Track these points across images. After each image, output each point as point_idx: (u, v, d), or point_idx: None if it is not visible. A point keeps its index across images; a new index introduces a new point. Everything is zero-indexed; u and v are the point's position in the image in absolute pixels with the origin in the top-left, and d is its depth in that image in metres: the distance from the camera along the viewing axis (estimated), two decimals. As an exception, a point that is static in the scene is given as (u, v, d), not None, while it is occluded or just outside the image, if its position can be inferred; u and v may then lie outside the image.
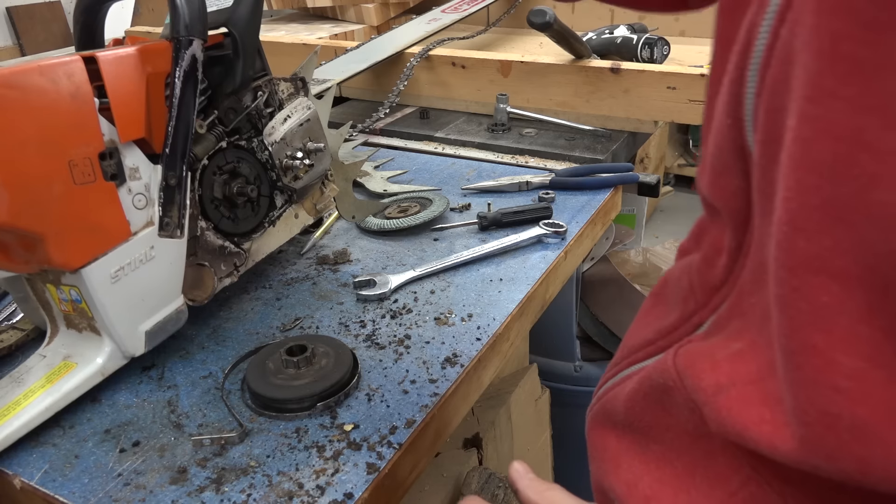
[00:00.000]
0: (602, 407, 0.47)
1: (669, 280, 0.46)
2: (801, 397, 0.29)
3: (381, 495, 0.50)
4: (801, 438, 0.29)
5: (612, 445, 0.44)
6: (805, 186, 0.27)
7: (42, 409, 0.53)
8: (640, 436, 0.43)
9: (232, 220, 0.68)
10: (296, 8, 1.94)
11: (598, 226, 0.91)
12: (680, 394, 0.38)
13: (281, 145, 0.70)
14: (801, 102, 0.27)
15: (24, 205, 0.49)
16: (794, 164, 0.28)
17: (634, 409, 0.43)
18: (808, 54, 0.27)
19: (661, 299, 0.47)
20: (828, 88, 0.26)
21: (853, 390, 0.26)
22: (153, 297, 0.59)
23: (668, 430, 0.40)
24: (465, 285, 0.72)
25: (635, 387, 0.43)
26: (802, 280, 0.28)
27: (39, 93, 0.49)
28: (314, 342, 0.59)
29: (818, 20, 0.26)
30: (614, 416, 0.45)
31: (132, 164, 0.56)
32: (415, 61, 1.24)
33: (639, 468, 0.41)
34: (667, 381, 0.39)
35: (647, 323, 0.47)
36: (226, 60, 0.65)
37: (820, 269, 0.27)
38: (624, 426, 0.44)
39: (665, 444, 0.40)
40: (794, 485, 0.32)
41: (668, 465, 0.40)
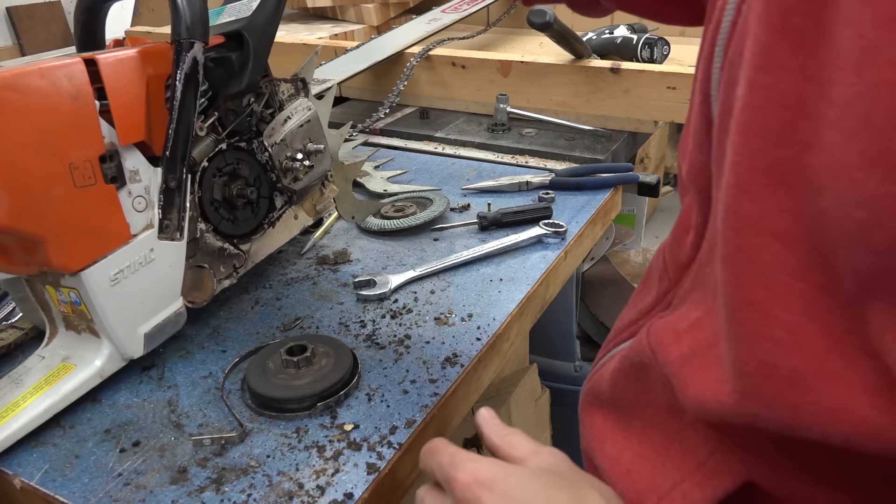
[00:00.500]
0: (591, 386, 0.48)
1: (654, 264, 0.48)
2: (741, 350, 0.30)
3: (381, 495, 0.50)
4: (741, 390, 0.30)
5: (598, 423, 0.46)
6: (752, 150, 0.29)
7: (41, 411, 0.53)
8: (622, 413, 0.44)
9: (231, 221, 0.68)
10: (296, 8, 1.94)
11: (598, 226, 0.91)
12: (654, 369, 0.39)
13: (281, 147, 0.70)
14: (752, 72, 0.29)
15: (24, 207, 0.49)
16: (742, 130, 0.29)
17: (617, 387, 0.44)
18: (760, 27, 0.29)
19: (645, 282, 0.49)
20: (777, 59, 0.28)
21: (789, 342, 0.28)
22: (152, 299, 0.59)
23: (646, 406, 0.42)
24: (465, 285, 0.72)
25: (617, 365, 0.44)
26: (746, 239, 0.29)
27: (40, 95, 0.49)
28: (314, 342, 0.59)
29: None
30: (601, 394, 0.46)
31: (132, 167, 0.56)
32: (415, 61, 1.24)
33: (622, 444, 0.43)
34: (643, 359, 0.41)
35: (633, 305, 0.49)
36: (227, 62, 0.65)
37: (763, 230, 0.28)
38: (609, 404, 0.45)
39: (644, 419, 0.42)
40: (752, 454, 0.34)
41: (648, 441, 0.41)
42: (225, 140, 0.66)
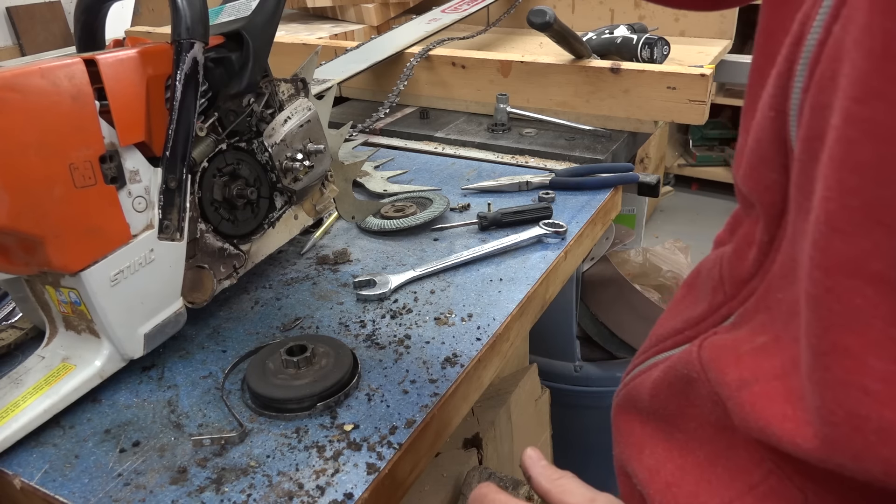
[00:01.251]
0: (628, 393, 0.47)
1: (702, 270, 0.46)
2: (828, 397, 0.28)
3: (381, 495, 0.50)
4: (824, 437, 0.29)
5: (636, 431, 0.45)
6: (846, 187, 0.27)
7: (41, 412, 0.53)
8: (664, 423, 0.43)
9: (231, 222, 0.68)
10: (296, 8, 1.94)
11: (598, 226, 0.91)
12: (704, 386, 0.38)
13: (281, 147, 0.70)
14: (848, 102, 0.27)
15: (24, 207, 0.49)
16: (836, 165, 0.28)
17: (659, 397, 0.43)
18: (858, 53, 0.27)
19: (692, 289, 0.47)
20: (876, 89, 0.26)
21: (883, 393, 0.26)
22: (152, 299, 0.60)
23: (691, 420, 0.40)
24: (465, 285, 0.73)
25: (660, 375, 0.43)
26: (836, 281, 0.28)
27: (40, 95, 0.49)
28: (314, 342, 0.59)
29: (871, 18, 0.26)
30: (639, 402, 0.45)
31: (132, 167, 0.56)
32: (415, 61, 1.24)
33: (662, 455, 0.42)
34: (691, 373, 0.39)
35: (678, 312, 0.47)
36: (227, 62, 0.65)
37: (855, 272, 0.27)
38: (648, 413, 0.44)
39: (688, 433, 0.40)
40: (816, 481, 0.32)
41: (691, 454, 0.40)
42: (225, 140, 0.66)
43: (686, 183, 3.35)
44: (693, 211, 3.14)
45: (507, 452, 0.94)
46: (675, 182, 3.35)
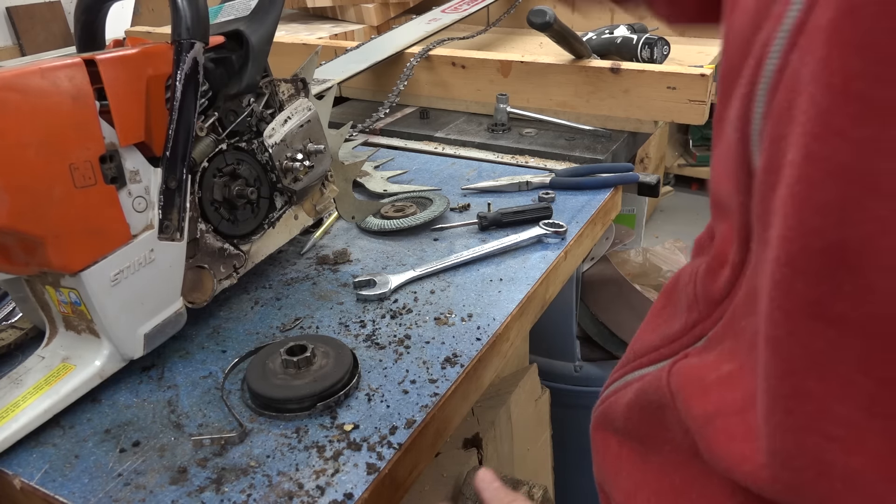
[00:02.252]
0: (604, 411, 0.47)
1: (680, 279, 0.46)
2: (789, 442, 0.28)
3: (381, 495, 0.50)
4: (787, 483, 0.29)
5: (613, 450, 0.45)
6: (809, 228, 0.26)
7: (41, 412, 0.53)
8: (639, 445, 0.43)
9: (231, 222, 0.68)
10: (296, 8, 1.94)
11: (598, 226, 0.91)
12: (673, 414, 0.38)
13: (281, 147, 0.70)
14: (808, 139, 0.26)
15: (24, 208, 0.49)
16: (797, 204, 0.26)
17: (632, 420, 0.43)
18: (816, 88, 0.25)
19: (669, 300, 0.47)
20: (837, 128, 0.25)
21: (848, 439, 0.26)
22: (152, 299, 0.59)
23: (665, 444, 0.40)
24: (465, 285, 0.73)
25: (633, 398, 0.42)
26: (798, 324, 0.27)
27: (40, 95, 0.49)
28: (314, 342, 0.59)
29: (829, 52, 0.25)
30: (615, 421, 0.45)
31: (132, 168, 0.56)
32: (415, 61, 1.24)
33: (638, 477, 0.41)
34: (661, 399, 0.39)
35: (656, 326, 0.46)
36: (227, 62, 0.65)
37: (818, 315, 0.26)
38: (624, 433, 0.44)
39: (663, 456, 0.40)
40: None
41: (667, 478, 0.39)
42: (225, 140, 0.66)
43: (686, 183, 3.35)
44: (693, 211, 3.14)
45: (507, 452, 0.94)
46: (675, 182, 3.35)
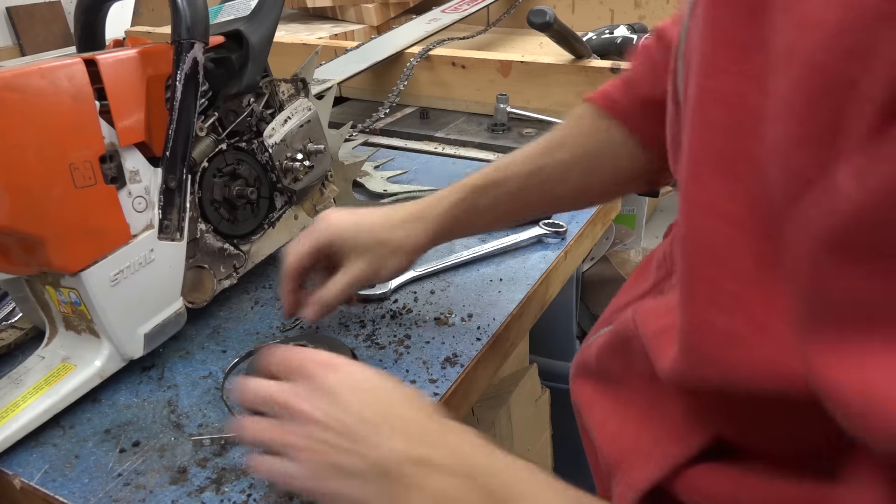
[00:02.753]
0: (580, 359, 0.53)
1: (654, 256, 0.52)
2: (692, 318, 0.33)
3: (380, 496, 0.50)
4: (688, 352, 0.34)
5: (588, 392, 0.50)
6: (702, 144, 0.33)
7: (41, 412, 0.53)
8: (610, 383, 0.48)
9: (231, 222, 0.68)
10: (296, 8, 1.94)
11: (598, 226, 0.91)
12: (637, 342, 0.43)
13: (281, 147, 0.70)
14: (699, 78, 0.33)
15: (24, 208, 0.49)
16: (694, 127, 0.33)
17: (603, 359, 0.49)
18: (701, 39, 0.33)
19: (642, 272, 0.54)
20: (720, 66, 0.32)
21: (731, 308, 0.31)
22: (152, 299, 0.59)
23: (631, 376, 0.46)
24: (465, 285, 0.73)
25: (605, 340, 0.49)
26: (698, 221, 0.33)
27: (40, 95, 0.49)
28: (314, 342, 0.59)
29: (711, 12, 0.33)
30: (590, 366, 0.51)
31: (132, 168, 0.56)
32: (415, 61, 1.24)
33: (609, 410, 0.47)
34: (627, 332, 0.45)
35: (627, 291, 0.54)
36: (227, 62, 0.65)
37: (712, 213, 0.32)
38: (597, 375, 0.50)
39: (630, 388, 0.46)
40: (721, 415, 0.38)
41: (633, 406, 0.45)
42: (225, 140, 0.66)
43: (686, 183, 3.35)
44: (693, 211, 3.13)
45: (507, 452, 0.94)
46: (675, 182, 3.34)
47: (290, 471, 0.40)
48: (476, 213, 0.61)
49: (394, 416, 0.40)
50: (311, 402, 0.41)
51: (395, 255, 0.59)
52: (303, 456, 0.40)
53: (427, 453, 0.38)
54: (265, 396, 0.43)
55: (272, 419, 0.42)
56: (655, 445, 0.41)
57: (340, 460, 0.39)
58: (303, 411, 0.41)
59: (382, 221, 0.59)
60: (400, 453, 0.38)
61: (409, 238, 0.59)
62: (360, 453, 0.39)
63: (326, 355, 0.44)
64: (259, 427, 0.42)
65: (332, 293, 0.59)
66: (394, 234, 0.59)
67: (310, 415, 0.40)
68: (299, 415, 0.41)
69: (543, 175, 0.60)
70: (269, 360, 0.45)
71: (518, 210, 0.63)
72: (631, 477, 0.42)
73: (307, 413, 0.41)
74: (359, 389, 0.42)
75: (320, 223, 0.59)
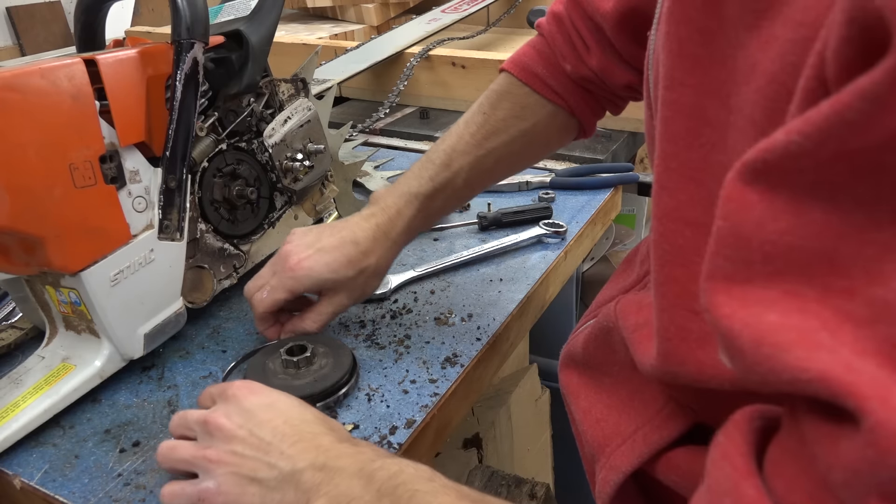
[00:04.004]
0: (567, 350, 0.56)
1: (639, 251, 0.55)
2: (664, 319, 0.36)
3: (380, 496, 0.50)
4: (660, 351, 0.36)
5: (574, 381, 0.54)
6: (667, 154, 0.35)
7: (41, 412, 0.53)
8: (594, 371, 0.52)
9: (231, 222, 0.68)
10: (296, 8, 1.94)
11: (598, 226, 0.91)
12: (617, 333, 0.46)
13: (281, 147, 0.70)
14: (662, 91, 0.35)
15: (24, 208, 0.49)
16: (659, 138, 0.36)
17: (588, 349, 0.52)
18: (664, 53, 0.35)
19: (626, 267, 0.57)
20: (678, 79, 0.34)
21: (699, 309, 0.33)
22: (152, 299, 0.59)
23: (613, 365, 0.49)
24: (465, 285, 0.72)
25: (589, 331, 0.52)
26: (666, 226, 0.35)
27: (40, 95, 0.49)
28: (314, 342, 0.59)
29: (668, 28, 0.35)
30: (575, 356, 0.54)
31: (132, 167, 0.56)
32: (415, 61, 1.24)
33: (593, 398, 0.50)
34: (609, 324, 0.48)
35: (614, 284, 0.57)
36: (227, 62, 0.65)
37: (678, 218, 0.35)
38: (582, 365, 0.53)
39: (613, 376, 0.49)
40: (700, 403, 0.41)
41: (616, 394, 0.48)
42: (225, 140, 0.66)
43: (686, 183, 3.35)
44: (693, 211, 3.13)
45: (507, 452, 0.94)
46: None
47: (206, 486, 0.43)
48: (428, 218, 0.65)
49: (305, 432, 0.44)
50: (229, 418, 0.45)
51: (372, 279, 0.61)
52: (220, 469, 0.43)
53: (331, 462, 0.41)
54: (188, 420, 0.47)
55: (192, 441, 0.46)
56: (636, 430, 0.44)
57: (254, 470, 0.42)
58: (221, 426, 0.45)
59: (354, 251, 0.59)
60: (307, 461, 0.41)
61: (382, 260, 0.61)
62: (272, 464, 0.42)
63: (249, 382, 0.49)
64: (182, 445, 0.46)
65: (317, 324, 0.61)
66: (368, 262, 0.60)
67: (227, 430, 0.44)
68: (217, 430, 0.45)
69: (486, 164, 0.63)
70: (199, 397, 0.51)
71: (462, 200, 0.68)
72: (614, 460, 0.45)
73: (225, 427, 0.44)
74: (274, 408, 0.45)
75: (295, 269, 0.58)
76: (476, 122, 0.63)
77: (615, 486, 0.44)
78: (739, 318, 0.24)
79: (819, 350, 0.22)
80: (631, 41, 0.56)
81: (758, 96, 0.28)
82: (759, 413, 0.28)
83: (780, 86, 0.26)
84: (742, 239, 0.25)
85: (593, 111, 0.65)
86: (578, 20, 0.59)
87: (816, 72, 0.23)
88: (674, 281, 0.35)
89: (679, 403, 0.42)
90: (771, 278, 0.24)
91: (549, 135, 0.65)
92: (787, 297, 0.23)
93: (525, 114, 0.63)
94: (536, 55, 0.62)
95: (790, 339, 0.22)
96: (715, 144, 0.33)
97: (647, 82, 0.43)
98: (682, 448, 0.41)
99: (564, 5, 0.60)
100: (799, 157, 0.22)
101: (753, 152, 0.24)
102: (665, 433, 0.42)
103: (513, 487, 0.79)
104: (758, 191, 0.24)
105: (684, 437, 0.42)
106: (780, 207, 0.23)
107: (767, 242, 0.24)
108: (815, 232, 0.23)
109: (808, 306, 0.23)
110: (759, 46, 0.28)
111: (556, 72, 0.62)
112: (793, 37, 0.26)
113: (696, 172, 0.34)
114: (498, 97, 0.64)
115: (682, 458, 0.41)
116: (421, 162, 0.63)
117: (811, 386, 0.21)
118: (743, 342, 0.24)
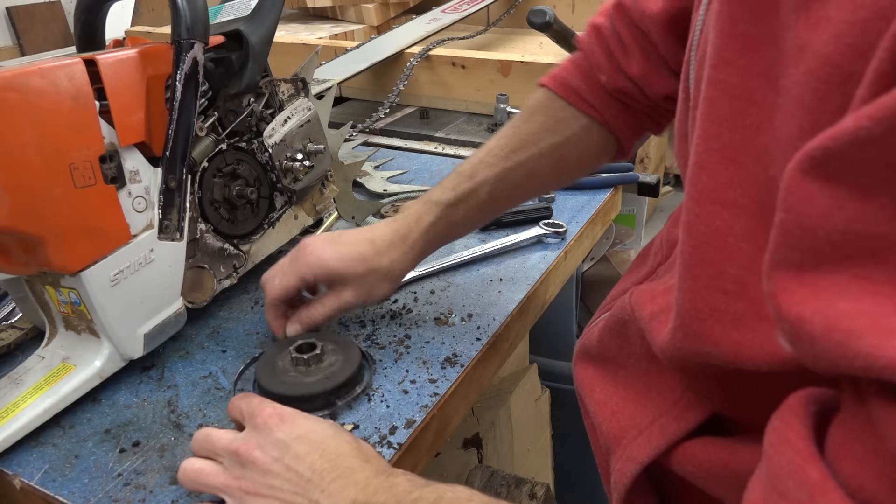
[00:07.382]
0: (582, 343, 0.56)
1: (653, 243, 0.55)
2: (696, 300, 0.36)
3: (380, 496, 0.50)
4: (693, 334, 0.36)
5: (589, 374, 0.53)
6: (709, 134, 0.35)
7: (41, 412, 0.53)
8: (610, 364, 0.51)
9: (231, 222, 0.68)
10: (296, 8, 1.94)
11: (598, 226, 0.91)
12: (633, 324, 0.47)
13: (281, 147, 0.70)
14: (709, 70, 0.35)
15: (24, 208, 0.49)
16: (702, 118, 0.35)
17: (604, 342, 0.52)
18: (714, 33, 0.35)
19: (642, 260, 0.57)
20: (727, 59, 0.34)
21: (736, 292, 0.34)
22: (152, 299, 0.59)
23: (629, 357, 0.49)
24: (465, 285, 0.72)
25: (605, 324, 0.52)
26: (703, 208, 0.35)
27: (40, 95, 0.49)
28: (322, 340, 0.59)
29: (721, 7, 0.34)
30: (591, 349, 0.54)
31: (132, 167, 0.56)
32: (415, 61, 1.24)
33: (609, 390, 0.50)
34: (624, 315, 0.49)
35: (628, 277, 0.57)
36: (227, 62, 0.65)
37: (716, 200, 0.34)
38: (598, 358, 0.53)
39: (628, 368, 0.49)
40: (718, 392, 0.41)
41: (632, 387, 0.48)
42: (225, 140, 0.66)
43: (686, 183, 3.35)
44: (693, 211, 3.13)
45: (507, 452, 0.94)
46: (675, 182, 3.34)
47: None
48: (451, 228, 0.63)
49: (342, 466, 0.43)
50: (263, 450, 0.44)
51: (383, 282, 0.60)
52: (257, 502, 0.42)
53: (371, 499, 0.41)
54: (215, 445, 0.46)
55: (222, 465, 0.45)
56: (653, 422, 0.44)
57: None
58: (255, 459, 0.44)
59: (368, 249, 0.59)
60: (347, 499, 0.41)
61: (395, 264, 0.60)
62: (314, 500, 0.42)
63: (278, 408, 0.47)
64: (212, 471, 0.45)
65: (321, 315, 0.61)
66: (381, 262, 0.59)
67: (262, 463, 0.43)
68: (251, 462, 0.44)
69: (512, 178, 0.61)
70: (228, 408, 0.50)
71: (489, 214, 0.66)
72: (630, 451, 0.45)
73: (259, 461, 0.44)
74: (308, 441, 0.44)
75: (308, 256, 0.59)
76: (506, 136, 0.62)
77: (632, 476, 0.44)
78: (810, 305, 0.24)
79: (892, 336, 0.22)
80: (676, 43, 0.55)
81: (808, 78, 0.27)
82: (815, 397, 0.28)
83: (834, 68, 0.26)
84: (808, 230, 0.25)
85: (631, 127, 0.62)
86: (622, 27, 0.57)
87: (891, 55, 0.22)
88: (708, 262, 0.35)
89: (696, 394, 0.42)
90: (840, 264, 0.24)
91: (583, 150, 0.62)
92: (858, 281, 0.24)
93: (558, 127, 0.61)
94: (574, 69, 0.61)
95: (862, 325, 0.23)
96: (759, 126, 0.32)
97: (686, 65, 0.42)
98: (698, 439, 0.41)
99: (607, 14, 0.59)
100: (866, 142, 0.22)
101: (815, 141, 0.24)
102: (682, 424, 0.42)
103: (513, 487, 0.79)
104: (818, 181, 0.24)
105: (701, 429, 0.42)
106: (843, 195, 0.23)
107: (835, 232, 0.24)
108: (885, 218, 0.23)
109: (879, 289, 0.23)
110: (807, 27, 0.28)
111: (592, 84, 0.60)
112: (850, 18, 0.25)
113: (737, 154, 0.34)
114: (531, 111, 0.62)
115: (699, 449, 0.41)
116: (451, 174, 0.63)
117: (885, 372, 0.22)
118: (814, 328, 0.24)
